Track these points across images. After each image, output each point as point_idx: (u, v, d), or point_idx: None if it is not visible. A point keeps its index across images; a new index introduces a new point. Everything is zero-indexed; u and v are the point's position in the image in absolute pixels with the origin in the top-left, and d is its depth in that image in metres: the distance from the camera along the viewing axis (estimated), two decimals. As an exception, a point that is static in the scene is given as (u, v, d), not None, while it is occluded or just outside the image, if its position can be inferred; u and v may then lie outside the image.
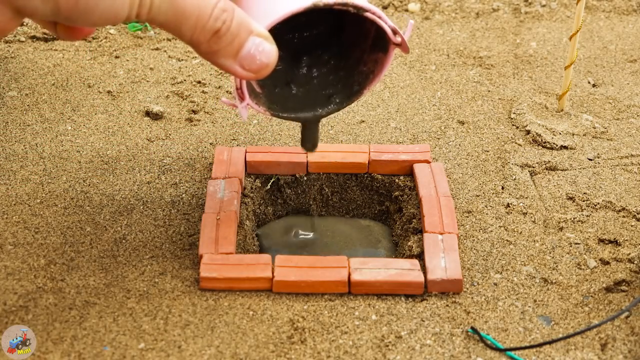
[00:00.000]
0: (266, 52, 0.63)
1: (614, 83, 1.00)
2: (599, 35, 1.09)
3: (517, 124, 0.92)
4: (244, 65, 0.63)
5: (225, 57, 0.62)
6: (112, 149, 0.87)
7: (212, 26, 0.61)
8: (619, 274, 0.74)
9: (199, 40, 0.61)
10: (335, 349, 0.67)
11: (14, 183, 0.82)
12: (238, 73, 0.63)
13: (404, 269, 0.72)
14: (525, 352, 0.67)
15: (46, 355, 0.65)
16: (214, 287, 0.71)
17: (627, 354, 0.67)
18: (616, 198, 0.82)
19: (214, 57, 0.63)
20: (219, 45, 0.62)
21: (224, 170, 0.81)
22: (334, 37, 0.75)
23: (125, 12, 0.59)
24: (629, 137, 0.91)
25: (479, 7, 1.13)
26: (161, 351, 0.66)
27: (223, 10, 0.61)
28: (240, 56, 0.62)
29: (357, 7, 0.66)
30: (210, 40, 0.61)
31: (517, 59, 1.04)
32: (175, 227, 0.77)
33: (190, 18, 0.60)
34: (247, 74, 0.63)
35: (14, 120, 0.90)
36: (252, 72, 0.63)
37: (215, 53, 0.62)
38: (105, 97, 0.95)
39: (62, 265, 0.73)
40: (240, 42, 0.62)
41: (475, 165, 0.86)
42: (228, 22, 0.61)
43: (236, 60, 0.63)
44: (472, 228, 0.78)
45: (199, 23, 0.60)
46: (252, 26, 0.63)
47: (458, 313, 0.70)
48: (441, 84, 0.99)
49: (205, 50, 0.62)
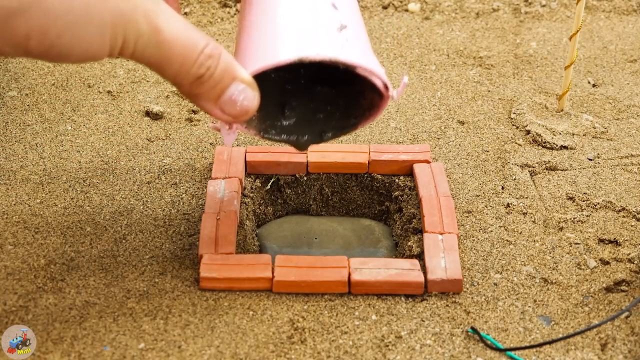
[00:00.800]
0: (248, 99, 0.63)
1: (614, 83, 1.00)
2: (599, 35, 1.09)
3: (517, 124, 0.92)
4: (223, 110, 0.63)
5: (205, 101, 0.63)
6: (112, 149, 0.87)
7: (195, 72, 0.61)
8: (619, 274, 0.74)
9: (181, 83, 0.61)
10: (335, 349, 0.67)
11: (14, 183, 0.82)
12: (217, 116, 0.63)
13: (404, 269, 0.72)
14: (525, 352, 0.67)
15: (46, 355, 0.65)
16: (214, 287, 0.71)
17: (627, 354, 0.67)
18: (616, 198, 0.82)
19: (194, 99, 0.63)
20: (201, 89, 0.62)
21: (224, 170, 0.81)
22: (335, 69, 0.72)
23: (105, 53, 0.58)
24: (629, 137, 0.91)
25: (479, 7, 1.13)
26: (161, 351, 0.66)
27: (209, 56, 0.61)
28: (220, 100, 0.63)
29: (347, 65, 0.64)
30: (192, 84, 0.61)
31: (517, 59, 1.04)
32: (175, 227, 0.77)
33: (175, 63, 0.60)
34: (226, 118, 0.63)
35: (14, 120, 0.90)
36: (232, 116, 0.63)
37: (196, 96, 0.62)
38: (105, 97, 0.95)
39: (62, 265, 0.73)
40: (222, 87, 0.62)
41: (475, 165, 0.86)
42: (212, 68, 0.61)
43: (216, 105, 0.63)
44: (472, 228, 0.78)
45: (183, 68, 0.60)
46: (237, 72, 0.62)
47: (458, 313, 0.70)
48: (441, 84, 0.99)
49: (186, 91, 0.62)
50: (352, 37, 0.65)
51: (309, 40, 0.64)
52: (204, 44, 0.61)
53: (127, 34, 0.58)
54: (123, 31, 0.58)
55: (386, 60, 1.02)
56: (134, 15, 0.58)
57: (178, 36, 0.60)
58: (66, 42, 0.57)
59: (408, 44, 1.06)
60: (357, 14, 0.69)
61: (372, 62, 0.65)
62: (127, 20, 0.58)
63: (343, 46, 0.64)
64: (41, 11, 0.55)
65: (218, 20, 1.09)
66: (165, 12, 0.60)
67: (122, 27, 0.58)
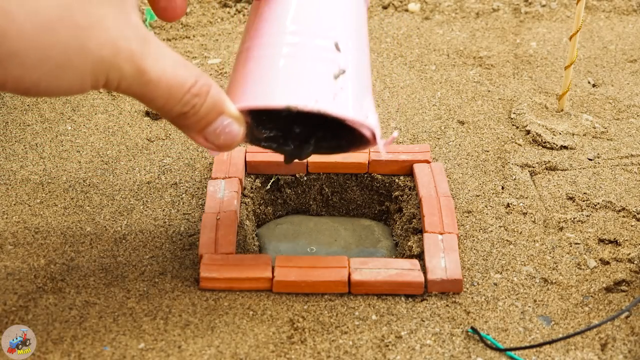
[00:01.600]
0: (232, 133, 0.63)
1: (614, 83, 1.00)
2: (599, 35, 1.09)
3: (517, 124, 0.92)
4: (207, 139, 0.63)
5: (189, 130, 0.63)
6: (112, 149, 0.87)
7: (179, 110, 0.61)
8: (619, 274, 0.74)
9: (165, 116, 0.62)
10: (335, 349, 0.67)
11: (14, 183, 0.82)
12: (201, 144, 0.64)
13: (404, 269, 0.72)
14: (525, 352, 0.67)
15: (46, 355, 0.65)
16: (214, 287, 0.71)
17: (627, 354, 0.67)
18: (616, 198, 0.82)
19: (179, 127, 0.63)
20: (186, 121, 0.62)
21: (224, 170, 0.81)
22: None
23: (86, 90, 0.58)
24: (629, 137, 0.91)
25: (479, 7, 1.13)
26: (161, 351, 0.66)
27: (195, 95, 0.61)
28: (205, 132, 0.63)
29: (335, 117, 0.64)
30: (178, 117, 0.62)
31: (517, 59, 1.04)
32: (175, 227, 0.77)
33: (160, 100, 0.60)
34: (209, 146, 0.64)
35: (14, 120, 0.90)
36: (215, 146, 0.64)
37: (181, 126, 0.63)
38: (105, 97, 0.95)
39: (62, 265, 0.73)
40: (207, 122, 0.62)
41: (475, 165, 0.86)
42: (197, 106, 0.61)
43: (200, 135, 0.63)
44: (472, 228, 0.78)
45: (167, 105, 0.61)
46: (225, 107, 0.63)
47: (458, 313, 0.70)
48: (441, 84, 0.99)
49: (171, 120, 0.63)
50: (348, 83, 0.65)
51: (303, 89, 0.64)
52: (192, 83, 0.61)
53: (110, 77, 0.58)
54: (105, 75, 0.57)
55: (386, 60, 1.02)
56: (115, 61, 0.57)
57: (164, 76, 0.59)
58: (44, 87, 0.57)
59: (408, 44, 1.06)
60: (361, 49, 0.68)
61: (362, 111, 0.65)
62: (108, 66, 0.57)
63: (335, 96, 0.64)
64: (16, 63, 0.55)
65: (218, 20, 1.09)
66: (153, 52, 0.59)
67: (103, 72, 0.57)
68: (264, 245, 0.78)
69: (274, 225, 0.81)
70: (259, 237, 0.79)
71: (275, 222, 0.82)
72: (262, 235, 0.79)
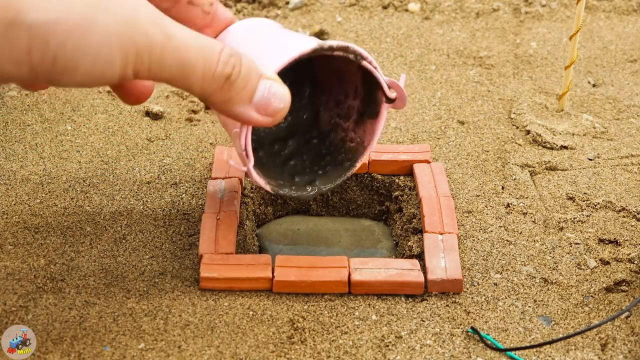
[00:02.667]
0: (279, 94, 0.61)
1: (614, 83, 1.00)
2: (599, 35, 1.09)
3: (517, 124, 0.92)
4: (259, 110, 0.61)
5: (240, 104, 0.60)
6: (112, 149, 0.87)
7: (222, 72, 0.58)
8: (619, 274, 0.74)
9: (210, 90, 0.59)
10: (335, 349, 0.67)
11: (14, 183, 0.82)
12: (254, 119, 0.61)
13: (404, 269, 0.72)
14: (525, 352, 0.67)
15: (46, 355, 0.65)
16: (214, 287, 0.71)
17: (627, 354, 0.67)
18: (616, 198, 0.82)
19: (228, 105, 0.60)
20: (232, 92, 0.59)
21: (224, 170, 0.81)
22: (311, 127, 0.76)
23: (116, 71, 0.56)
24: (629, 137, 0.91)
25: (479, 7, 1.13)
26: (161, 351, 0.66)
27: (230, 55, 0.59)
28: (255, 101, 0.60)
29: (357, 54, 0.66)
30: (222, 87, 0.59)
31: (517, 59, 1.04)
32: (175, 227, 0.77)
33: (197, 67, 0.57)
34: (264, 119, 0.61)
35: (14, 120, 0.90)
36: (269, 116, 0.61)
37: (229, 101, 0.60)
38: (105, 97, 0.95)
39: (62, 265, 0.73)
40: (252, 86, 0.60)
41: (475, 165, 0.86)
42: (238, 66, 0.59)
43: (251, 106, 0.61)
44: (472, 228, 0.78)
45: (208, 71, 0.58)
46: (261, 70, 0.60)
47: (458, 313, 0.70)
48: (441, 84, 0.99)
49: (218, 100, 0.60)
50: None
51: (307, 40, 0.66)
52: (221, 46, 0.59)
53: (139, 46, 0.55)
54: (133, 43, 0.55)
55: (386, 60, 1.02)
56: (138, 23, 0.55)
57: (192, 39, 0.57)
58: (70, 51, 0.54)
59: (408, 44, 1.06)
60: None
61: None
62: (134, 28, 0.55)
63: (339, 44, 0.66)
64: (40, 14, 0.53)
65: (218, 20, 1.09)
66: (171, 20, 0.57)
67: (129, 36, 0.55)
68: (264, 245, 0.78)
69: (274, 225, 0.81)
70: (259, 237, 0.79)
71: (275, 222, 0.82)
72: (262, 235, 0.79)
